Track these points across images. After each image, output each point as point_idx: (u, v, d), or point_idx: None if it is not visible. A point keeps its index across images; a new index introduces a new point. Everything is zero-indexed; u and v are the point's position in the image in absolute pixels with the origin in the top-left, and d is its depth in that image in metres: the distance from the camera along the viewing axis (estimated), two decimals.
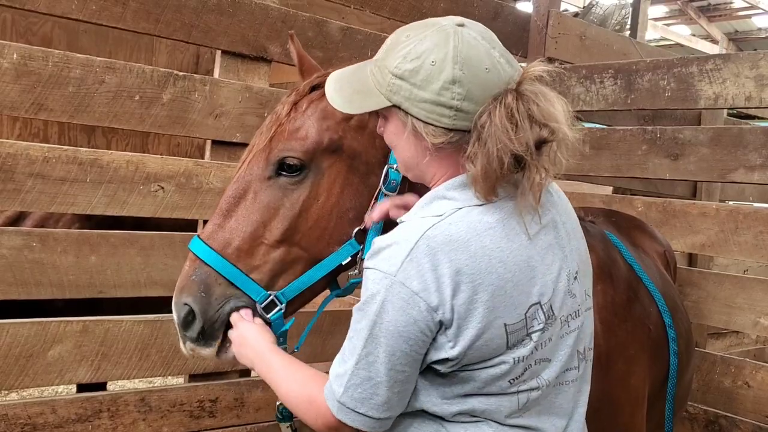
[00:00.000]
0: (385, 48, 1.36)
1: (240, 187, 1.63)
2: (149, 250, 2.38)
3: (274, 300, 1.59)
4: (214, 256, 1.57)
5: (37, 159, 2.15)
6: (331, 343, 2.80)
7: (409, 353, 1.27)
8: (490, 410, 1.34)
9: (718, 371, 2.89)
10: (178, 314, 1.58)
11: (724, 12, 15.08)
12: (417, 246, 1.25)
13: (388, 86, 1.32)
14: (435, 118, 1.29)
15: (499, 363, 1.31)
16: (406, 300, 1.25)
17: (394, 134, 1.38)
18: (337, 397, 1.31)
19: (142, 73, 2.33)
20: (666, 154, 3.01)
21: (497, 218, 1.30)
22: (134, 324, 2.35)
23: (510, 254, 1.29)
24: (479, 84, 1.28)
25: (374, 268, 1.29)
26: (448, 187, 1.35)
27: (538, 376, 1.36)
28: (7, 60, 2.07)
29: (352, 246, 1.63)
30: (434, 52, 1.28)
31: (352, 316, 1.35)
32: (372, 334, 1.27)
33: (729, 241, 2.83)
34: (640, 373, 2.06)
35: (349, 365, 1.30)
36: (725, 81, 2.73)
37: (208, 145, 2.61)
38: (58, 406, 2.24)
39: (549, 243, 1.37)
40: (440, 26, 1.32)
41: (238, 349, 1.56)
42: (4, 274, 2.12)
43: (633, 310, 2.09)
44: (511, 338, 1.30)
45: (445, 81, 1.27)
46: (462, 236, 1.26)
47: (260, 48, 2.63)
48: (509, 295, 1.28)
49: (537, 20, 3.58)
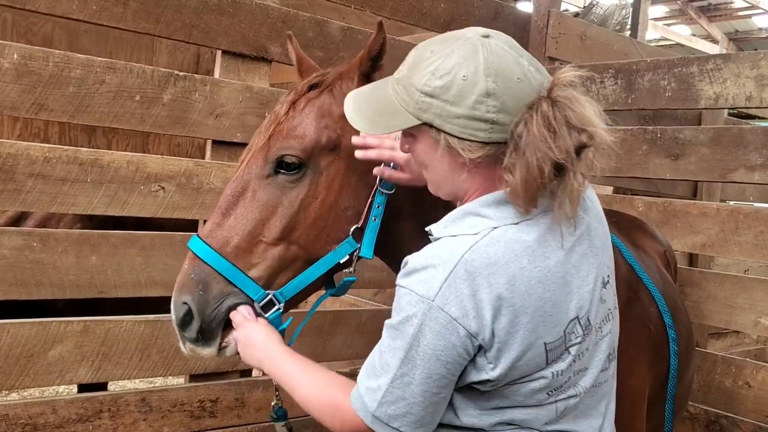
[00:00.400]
0: (408, 65, 1.33)
1: (239, 185, 1.64)
2: (150, 250, 2.38)
3: (272, 299, 1.60)
4: (212, 254, 1.57)
5: (37, 159, 2.14)
6: (331, 343, 2.80)
7: (445, 376, 1.27)
8: (529, 420, 1.34)
9: (718, 371, 2.89)
10: (177, 314, 1.58)
11: (725, 12, 15.07)
12: (455, 271, 1.24)
13: (417, 104, 1.29)
14: (470, 133, 1.27)
15: (538, 378, 1.31)
16: (445, 326, 1.24)
17: (426, 153, 1.35)
18: (371, 411, 1.31)
19: (142, 73, 2.33)
20: (666, 154, 3.01)
21: (534, 236, 1.28)
22: (135, 324, 2.34)
23: (548, 273, 1.27)
24: (513, 94, 1.25)
25: (410, 290, 1.28)
26: (482, 204, 1.32)
27: (575, 385, 1.37)
28: (7, 60, 2.07)
29: (349, 244, 1.63)
30: (464, 66, 1.26)
31: (384, 331, 1.34)
32: (408, 356, 1.27)
33: (729, 241, 2.83)
34: (640, 373, 2.06)
35: (383, 382, 1.30)
36: (726, 81, 2.73)
37: (208, 145, 2.61)
38: (59, 406, 2.24)
39: (584, 252, 1.36)
40: (465, 39, 1.29)
41: (245, 350, 1.55)
42: (5, 274, 2.12)
43: (633, 311, 2.09)
44: (550, 355, 1.30)
45: (479, 95, 1.25)
46: (500, 258, 1.25)
47: (261, 48, 2.63)
48: (549, 314, 1.28)
49: (537, 20, 3.58)
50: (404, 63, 1.36)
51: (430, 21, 3.19)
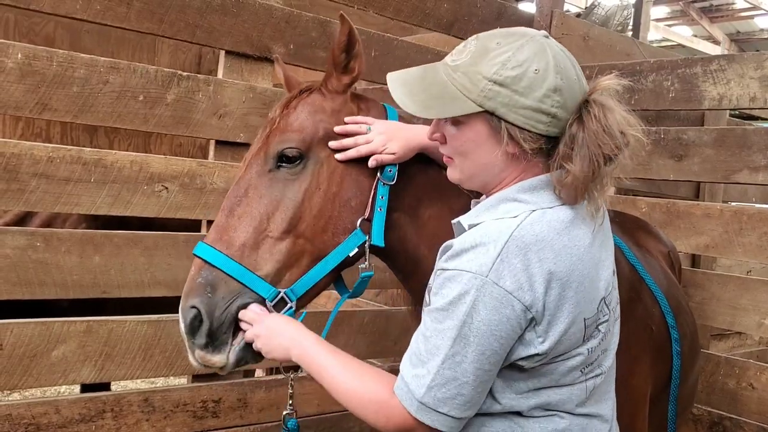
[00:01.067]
0: (470, 54, 1.36)
1: (241, 186, 1.64)
2: (153, 250, 2.37)
3: (284, 297, 1.58)
4: (219, 256, 1.56)
5: (41, 159, 2.14)
6: (333, 343, 2.77)
7: (498, 351, 1.30)
8: (563, 400, 1.39)
9: (722, 372, 2.88)
10: (185, 320, 1.55)
11: (726, 13, 15.07)
12: (507, 246, 1.28)
13: (482, 92, 1.33)
14: (532, 125, 1.33)
15: (576, 355, 1.37)
16: (500, 299, 1.27)
17: (473, 141, 1.38)
18: (418, 398, 1.30)
19: (146, 73, 2.33)
20: (670, 155, 3.00)
21: (570, 218, 1.35)
22: (138, 324, 2.34)
23: (584, 251, 1.35)
24: (571, 93, 1.34)
25: (460, 270, 1.30)
26: (518, 190, 1.38)
27: (601, 364, 1.45)
28: (11, 60, 2.07)
29: (357, 236, 1.64)
30: (536, 61, 1.32)
31: (424, 317, 1.35)
32: (461, 335, 1.28)
33: (733, 242, 2.83)
34: (642, 373, 2.05)
35: (432, 365, 1.30)
36: (729, 82, 2.72)
37: (211, 146, 2.61)
38: (62, 406, 2.24)
39: (602, 241, 1.45)
40: (531, 36, 1.37)
41: (269, 341, 1.50)
42: (8, 273, 2.12)
43: (635, 311, 2.09)
44: (587, 331, 1.37)
45: (547, 89, 1.32)
46: (546, 235, 1.31)
47: (264, 48, 2.63)
48: (587, 290, 1.35)
49: (540, 20, 3.57)
50: (460, 52, 1.39)
51: (433, 21, 3.19)
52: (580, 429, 1.42)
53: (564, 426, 1.39)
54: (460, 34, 3.27)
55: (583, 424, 1.42)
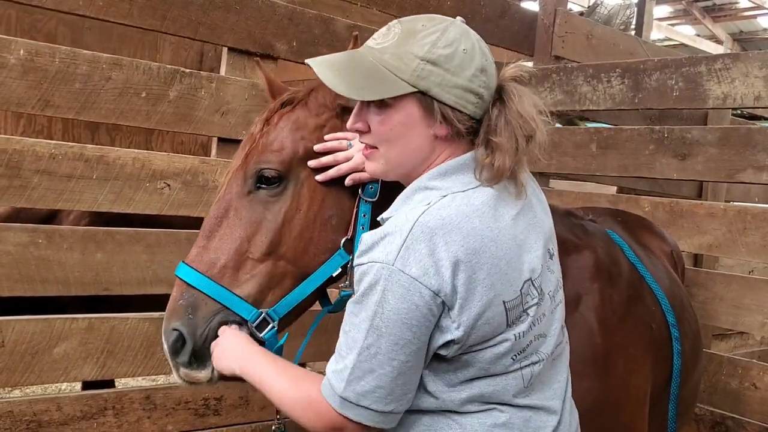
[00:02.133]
0: (397, 35, 1.34)
1: (221, 207, 1.62)
2: (155, 247, 2.37)
3: (266, 318, 1.57)
4: (199, 277, 1.55)
5: (43, 156, 2.14)
6: (334, 341, 2.78)
7: (411, 341, 1.27)
8: (498, 391, 1.36)
9: (724, 372, 2.88)
10: (167, 341, 1.55)
11: (729, 12, 15.04)
12: (412, 233, 1.27)
13: (415, 71, 1.31)
14: (463, 104, 1.34)
15: (501, 341, 1.34)
16: (407, 287, 1.25)
17: (403, 124, 1.35)
18: (338, 393, 1.30)
19: (148, 69, 2.33)
20: (673, 154, 2.99)
21: (481, 201, 1.34)
22: (140, 322, 2.34)
23: (499, 233, 1.33)
24: (492, 75, 1.37)
25: (369, 261, 1.29)
26: (429, 177, 1.38)
27: (537, 351, 1.41)
28: (14, 56, 2.07)
29: (341, 256, 1.62)
30: (463, 41, 1.34)
31: (345, 312, 1.34)
32: (373, 325, 1.27)
33: (737, 241, 2.82)
34: (642, 372, 2.04)
35: (350, 359, 1.29)
36: (734, 81, 2.71)
37: (214, 143, 2.60)
38: (64, 403, 2.23)
39: (528, 222, 1.43)
40: (452, 20, 1.38)
41: (219, 358, 1.51)
42: (10, 270, 2.12)
43: (634, 309, 2.08)
44: (510, 315, 1.34)
45: (476, 68, 1.33)
46: (453, 219, 1.29)
47: (267, 45, 2.62)
48: (504, 272, 1.32)
49: (544, 19, 3.57)
50: (384, 35, 1.37)
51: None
52: (523, 422, 1.39)
53: (504, 419, 1.37)
54: None
55: (526, 417, 1.39)
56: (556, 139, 3.40)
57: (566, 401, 1.52)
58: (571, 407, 1.56)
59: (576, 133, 3.38)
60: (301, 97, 1.70)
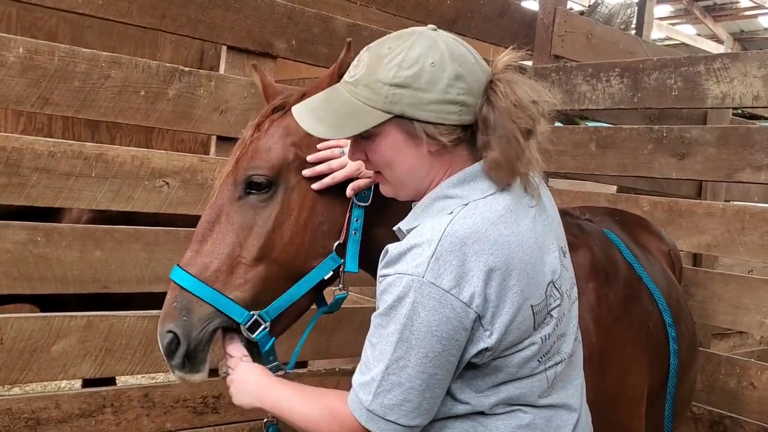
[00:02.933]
0: (365, 65, 1.35)
1: (213, 212, 1.64)
2: (154, 245, 2.37)
3: (258, 319, 1.59)
4: (192, 281, 1.57)
5: (42, 153, 2.14)
6: (334, 340, 2.80)
7: (441, 354, 1.27)
8: (525, 394, 1.37)
9: (723, 372, 2.88)
10: (162, 343, 1.58)
11: (730, 12, 15.02)
12: (441, 244, 1.27)
13: (387, 98, 1.31)
14: (444, 117, 1.32)
15: (529, 344, 1.35)
16: (438, 299, 1.25)
17: (392, 149, 1.37)
18: (365, 405, 1.30)
19: (147, 68, 2.33)
20: (672, 154, 3.00)
21: (503, 206, 1.34)
22: (138, 319, 2.34)
23: (523, 237, 1.33)
24: (474, 77, 1.33)
25: (398, 273, 1.29)
26: (448, 186, 1.37)
27: (559, 351, 1.43)
28: (13, 54, 2.07)
29: (333, 260, 1.63)
30: (430, 54, 1.31)
31: (371, 324, 1.34)
32: (402, 338, 1.27)
33: (735, 241, 2.82)
34: (638, 371, 2.05)
35: (377, 371, 1.29)
36: (733, 80, 2.71)
37: (212, 141, 2.61)
38: (62, 400, 2.24)
39: (545, 223, 1.43)
40: (419, 33, 1.35)
41: (239, 389, 1.54)
42: (9, 268, 2.12)
43: (630, 308, 2.08)
44: (537, 318, 1.35)
45: (449, 78, 1.30)
46: (480, 227, 1.29)
47: (266, 44, 2.62)
48: (531, 276, 1.32)
49: (543, 18, 3.56)
50: (356, 66, 1.38)
51: (436, 18, 3.18)
52: (545, 421, 1.40)
53: (528, 420, 1.38)
54: (462, 32, 3.26)
55: (548, 416, 1.40)
56: (555, 138, 3.40)
57: (583, 399, 1.53)
58: (587, 405, 1.57)
59: (575, 132, 3.38)
60: (292, 102, 1.70)
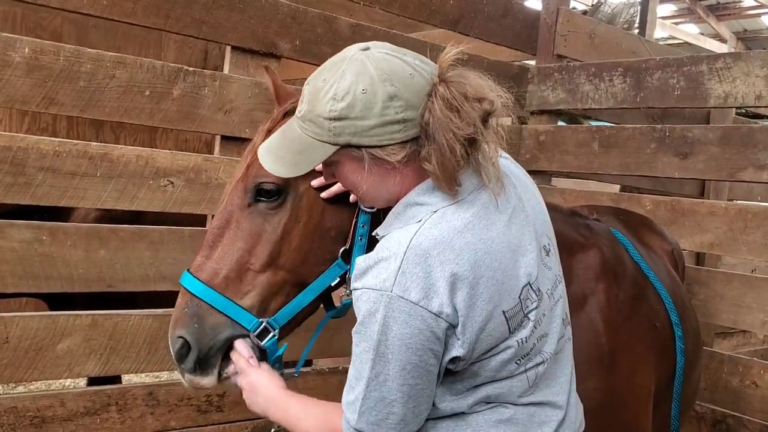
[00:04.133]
0: (307, 101, 1.36)
1: (223, 218, 1.65)
2: (158, 244, 2.38)
3: (267, 327, 1.61)
4: (202, 288, 1.59)
5: (47, 153, 2.15)
6: (338, 338, 2.80)
7: (419, 365, 1.28)
8: (504, 393, 1.38)
9: (725, 370, 2.88)
10: (173, 348, 1.60)
11: (733, 11, 14.98)
12: (406, 257, 1.28)
13: (330, 131, 1.33)
14: (388, 138, 1.32)
15: (505, 348, 1.35)
16: (408, 312, 1.26)
17: (352, 173, 1.39)
18: (353, 425, 1.33)
19: (152, 68, 2.34)
20: (675, 153, 3.00)
21: (472, 212, 1.34)
22: (143, 318, 2.35)
23: (492, 244, 1.33)
24: (411, 90, 1.31)
25: (366, 288, 1.30)
26: (418, 193, 1.38)
27: (541, 351, 1.42)
28: (18, 54, 2.08)
29: (339, 266, 1.65)
30: (360, 81, 1.31)
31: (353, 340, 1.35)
32: (378, 353, 1.28)
33: (738, 240, 2.82)
34: (646, 371, 2.05)
35: (359, 389, 1.31)
36: (735, 80, 2.72)
37: (217, 141, 2.62)
38: (67, 399, 2.25)
39: (522, 222, 1.42)
40: (350, 58, 1.35)
41: (250, 397, 1.57)
42: (15, 267, 2.13)
43: (638, 308, 2.09)
44: (511, 323, 1.34)
45: (383, 101, 1.30)
46: (445, 237, 1.30)
47: (270, 44, 2.63)
48: (501, 282, 1.32)
49: (546, 17, 3.57)
50: (301, 101, 1.39)
51: (440, 18, 3.19)
52: (527, 416, 1.41)
53: (509, 415, 1.39)
54: (465, 31, 3.27)
55: (530, 412, 1.41)
56: (558, 138, 3.40)
57: (571, 395, 1.53)
58: (576, 401, 1.57)
59: (578, 132, 3.38)
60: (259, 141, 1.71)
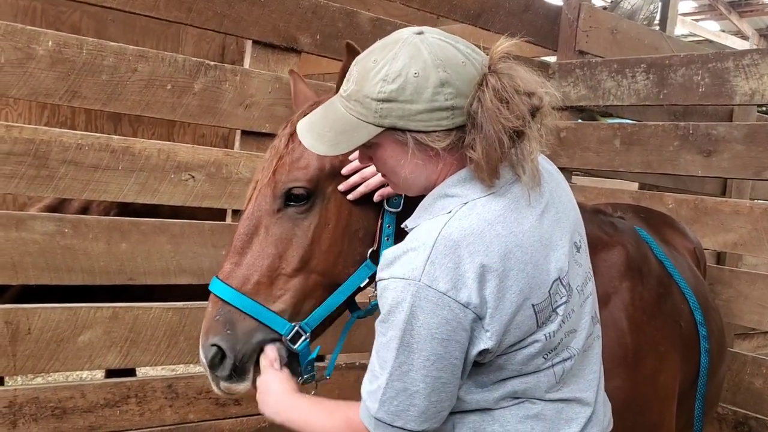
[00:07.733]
0: (355, 80, 1.35)
1: (251, 223, 1.65)
2: (179, 238, 2.39)
3: (299, 331, 1.61)
4: (234, 294, 1.59)
5: (70, 146, 2.16)
6: (355, 334, 2.78)
7: (443, 356, 1.27)
8: (530, 389, 1.37)
9: (748, 372, 2.84)
10: (206, 356, 1.59)
11: (756, 7, 14.77)
12: (435, 247, 1.27)
13: (376, 113, 1.32)
14: (435, 124, 1.31)
15: (532, 342, 1.34)
16: (435, 302, 1.25)
17: (393, 157, 1.38)
18: (372, 413, 1.31)
19: (174, 62, 2.34)
20: (698, 151, 2.95)
21: (503, 205, 1.33)
22: (163, 311, 2.36)
23: (523, 237, 1.32)
24: (463, 78, 1.31)
25: (393, 277, 1.29)
26: (449, 185, 1.37)
27: (568, 347, 1.41)
28: (42, 47, 2.09)
29: (368, 267, 1.65)
30: (413, 64, 1.30)
31: (376, 331, 1.35)
32: (403, 343, 1.27)
33: (763, 239, 2.78)
34: (670, 370, 2.03)
35: (383, 379, 1.30)
36: (763, 76, 2.67)
37: (237, 135, 2.62)
38: (88, 390, 2.27)
39: (554, 218, 1.41)
40: (404, 40, 1.34)
41: (261, 398, 1.56)
42: (37, 259, 2.15)
43: (663, 307, 2.06)
44: (540, 317, 1.33)
45: (434, 86, 1.29)
46: (475, 228, 1.29)
47: (290, 38, 2.63)
48: (531, 276, 1.31)
49: (568, 13, 3.53)
50: (347, 80, 1.38)
51: (461, 12, 3.16)
52: (555, 412, 1.40)
53: (536, 411, 1.38)
54: (487, 26, 3.25)
55: (558, 408, 1.40)
56: (579, 135, 3.37)
57: (599, 393, 1.52)
58: (604, 399, 1.56)
59: (599, 129, 3.34)
60: (297, 117, 1.70)
